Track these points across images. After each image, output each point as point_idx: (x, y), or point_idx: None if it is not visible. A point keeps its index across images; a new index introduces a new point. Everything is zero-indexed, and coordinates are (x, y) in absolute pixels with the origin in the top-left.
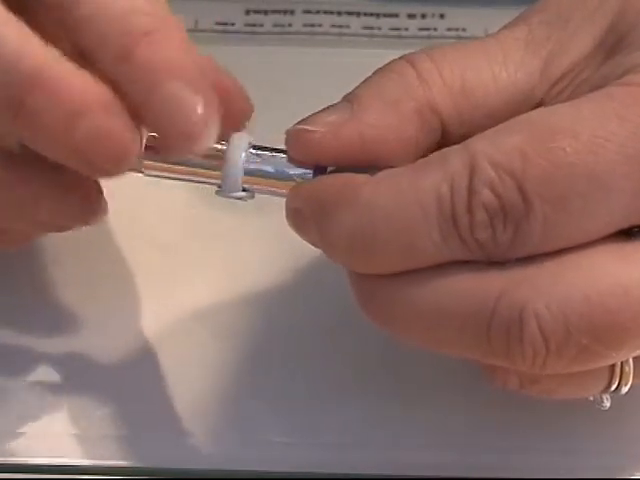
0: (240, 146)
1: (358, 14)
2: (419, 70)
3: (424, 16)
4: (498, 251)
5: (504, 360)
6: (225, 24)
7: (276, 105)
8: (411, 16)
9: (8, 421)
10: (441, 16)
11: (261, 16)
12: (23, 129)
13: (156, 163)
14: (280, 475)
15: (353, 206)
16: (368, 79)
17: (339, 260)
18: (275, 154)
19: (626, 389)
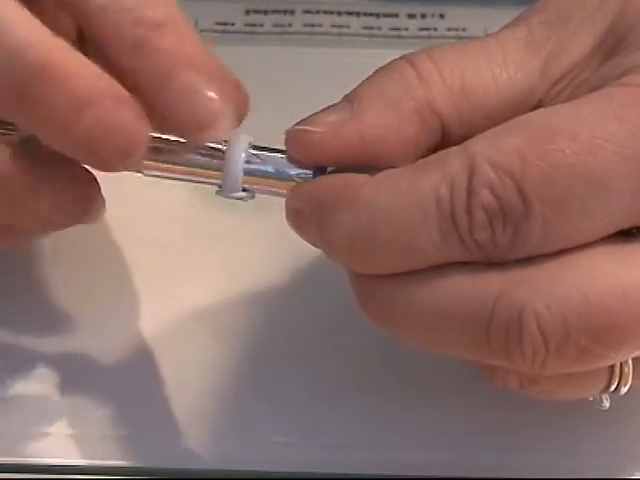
0: (240, 146)
1: (358, 14)
2: (419, 70)
3: (424, 16)
4: (497, 252)
5: (503, 360)
6: (225, 24)
7: (276, 105)
8: (411, 16)
9: (7, 421)
10: (441, 16)
11: (261, 16)
12: (29, 118)
13: (156, 163)
14: (280, 475)
15: (353, 206)
16: (368, 79)
17: (339, 260)
18: (275, 154)
19: (625, 389)
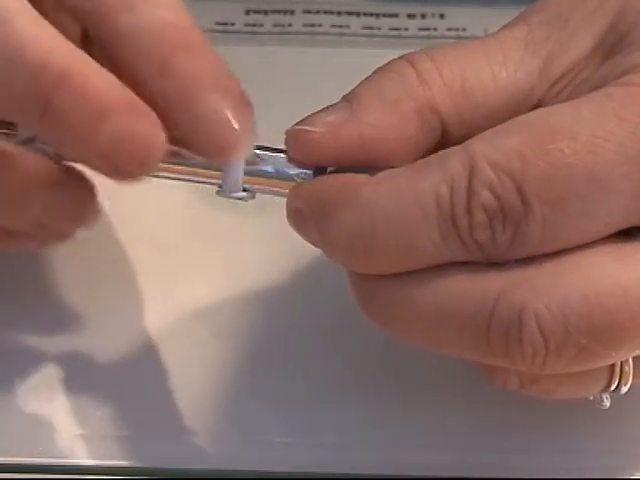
0: None
1: (358, 14)
2: (419, 70)
3: (424, 16)
4: (497, 252)
5: (503, 360)
6: (225, 24)
7: (276, 105)
8: (411, 16)
9: (9, 421)
10: (441, 16)
11: (261, 16)
12: (49, 129)
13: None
14: (280, 475)
15: (353, 206)
16: (368, 79)
17: (339, 260)
18: (275, 154)
19: (626, 389)
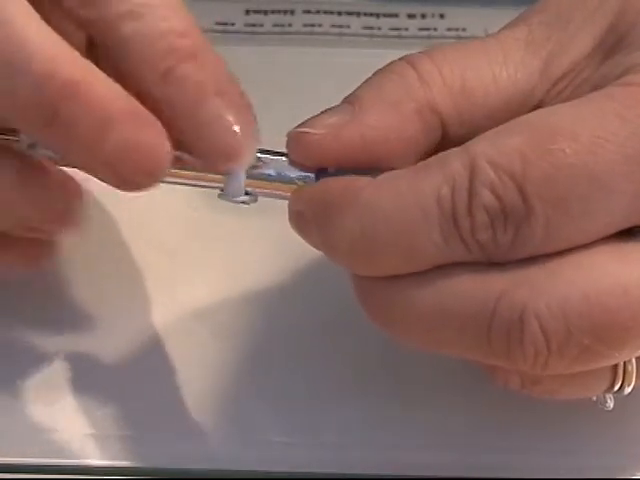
0: None
1: (358, 14)
2: (420, 71)
3: (424, 16)
4: (499, 252)
5: (505, 361)
6: (225, 24)
7: (276, 105)
8: (411, 16)
9: (10, 421)
10: (441, 16)
11: (261, 16)
12: (56, 138)
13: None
14: (280, 475)
15: (354, 209)
16: (368, 80)
17: (341, 263)
18: (277, 157)
19: (629, 389)
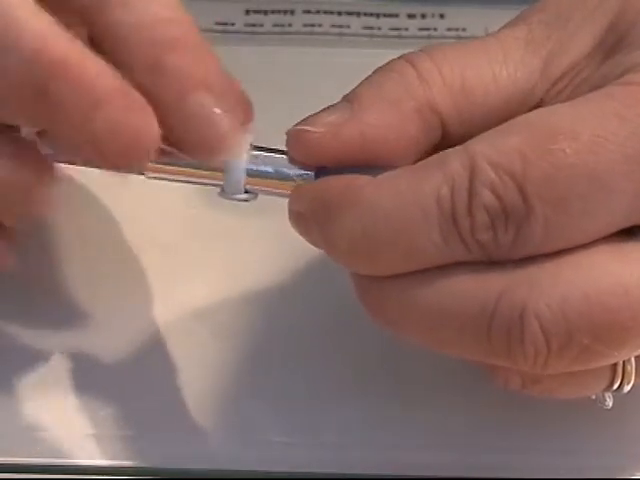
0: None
1: (358, 14)
2: (419, 70)
3: (424, 16)
4: (499, 252)
5: (505, 360)
6: (225, 24)
7: (276, 105)
8: (411, 16)
9: (10, 421)
10: (441, 16)
11: (261, 16)
12: (44, 116)
13: (158, 165)
14: (280, 475)
15: (354, 208)
16: (368, 79)
17: (341, 261)
18: (276, 155)
19: (628, 388)
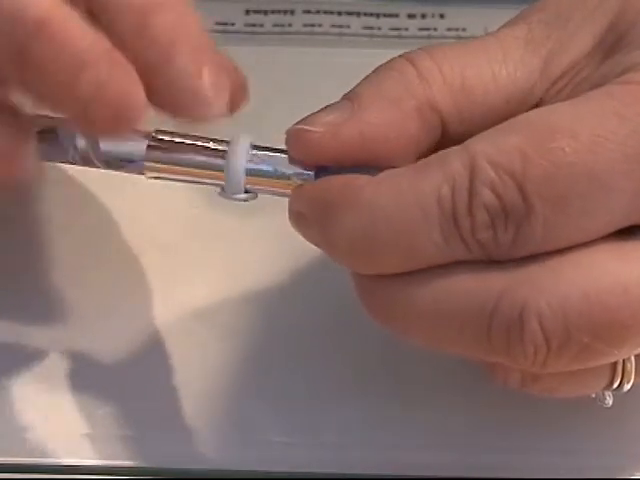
0: (242, 147)
1: (358, 14)
2: (419, 68)
3: (424, 16)
4: (499, 251)
5: (505, 359)
6: (225, 24)
7: (276, 105)
8: (411, 16)
9: (9, 420)
10: (441, 16)
11: (261, 16)
12: (27, 77)
13: (157, 165)
14: (280, 475)
15: (354, 207)
16: (368, 77)
17: (341, 261)
18: (276, 154)
19: (628, 386)
